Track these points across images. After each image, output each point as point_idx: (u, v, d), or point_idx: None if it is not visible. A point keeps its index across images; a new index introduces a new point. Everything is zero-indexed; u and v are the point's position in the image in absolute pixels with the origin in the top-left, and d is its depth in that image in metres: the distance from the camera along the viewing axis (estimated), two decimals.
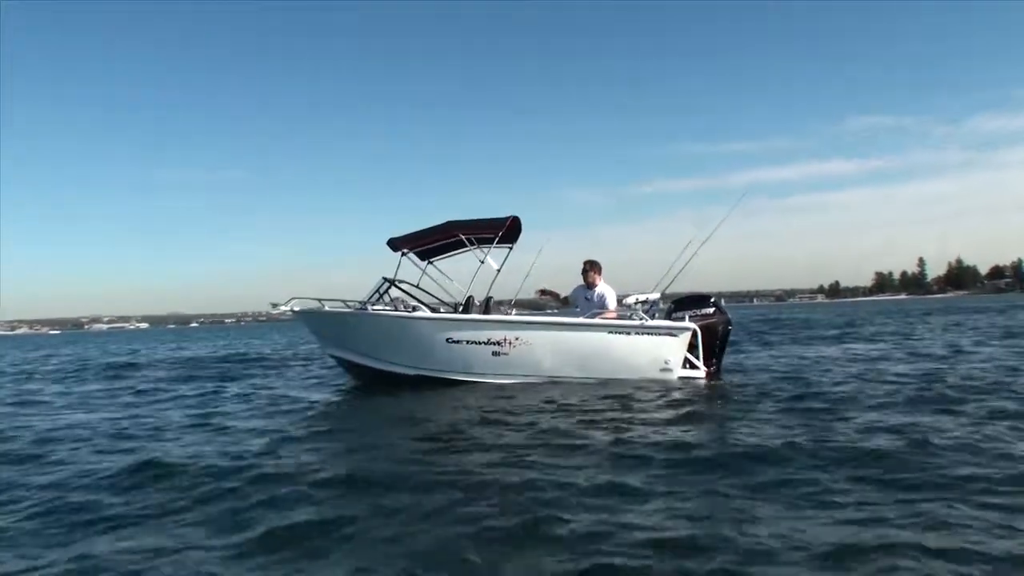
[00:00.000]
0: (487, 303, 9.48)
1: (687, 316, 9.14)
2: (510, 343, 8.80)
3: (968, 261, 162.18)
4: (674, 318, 9.18)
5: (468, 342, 8.85)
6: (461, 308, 9.57)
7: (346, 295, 9.88)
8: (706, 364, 9.08)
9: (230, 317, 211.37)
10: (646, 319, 8.91)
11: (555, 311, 10.23)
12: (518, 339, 8.80)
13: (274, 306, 9.57)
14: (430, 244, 9.75)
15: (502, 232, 9.24)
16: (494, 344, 8.82)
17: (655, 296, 9.41)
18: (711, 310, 9.25)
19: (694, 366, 9.00)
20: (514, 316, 9.16)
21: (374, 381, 9.41)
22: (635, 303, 9.20)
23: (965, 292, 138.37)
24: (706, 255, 9.35)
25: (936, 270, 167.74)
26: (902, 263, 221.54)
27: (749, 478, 4.05)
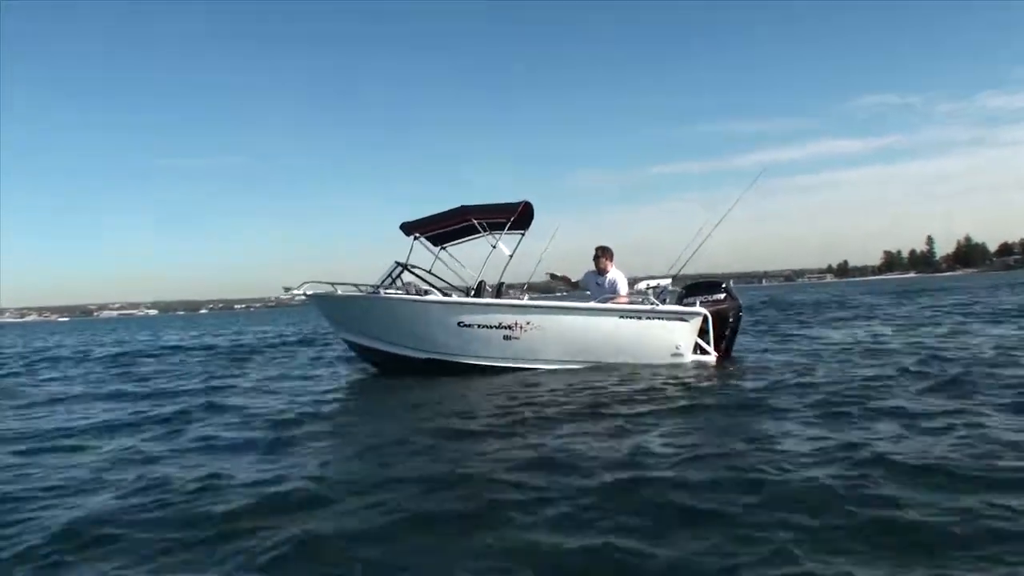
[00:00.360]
0: (499, 288, 9.51)
1: (698, 302, 9.19)
2: (521, 327, 8.85)
3: (976, 239, 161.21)
4: (685, 303, 9.23)
5: (479, 326, 8.90)
6: (473, 293, 9.62)
7: (358, 280, 9.94)
8: (716, 349, 9.14)
9: (239, 303, 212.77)
10: (657, 304, 8.96)
11: (566, 295, 10.27)
12: (529, 323, 8.85)
13: (287, 290, 9.61)
14: (442, 229, 9.78)
15: (514, 217, 9.26)
16: (505, 328, 8.87)
17: (666, 282, 9.46)
18: (722, 296, 9.33)
19: (705, 351, 9.07)
20: (526, 300, 9.19)
21: (385, 364, 9.51)
22: (647, 288, 9.25)
23: (974, 270, 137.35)
24: (717, 237, 9.39)
25: (944, 248, 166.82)
26: (910, 241, 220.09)
27: (757, 467, 4.09)
